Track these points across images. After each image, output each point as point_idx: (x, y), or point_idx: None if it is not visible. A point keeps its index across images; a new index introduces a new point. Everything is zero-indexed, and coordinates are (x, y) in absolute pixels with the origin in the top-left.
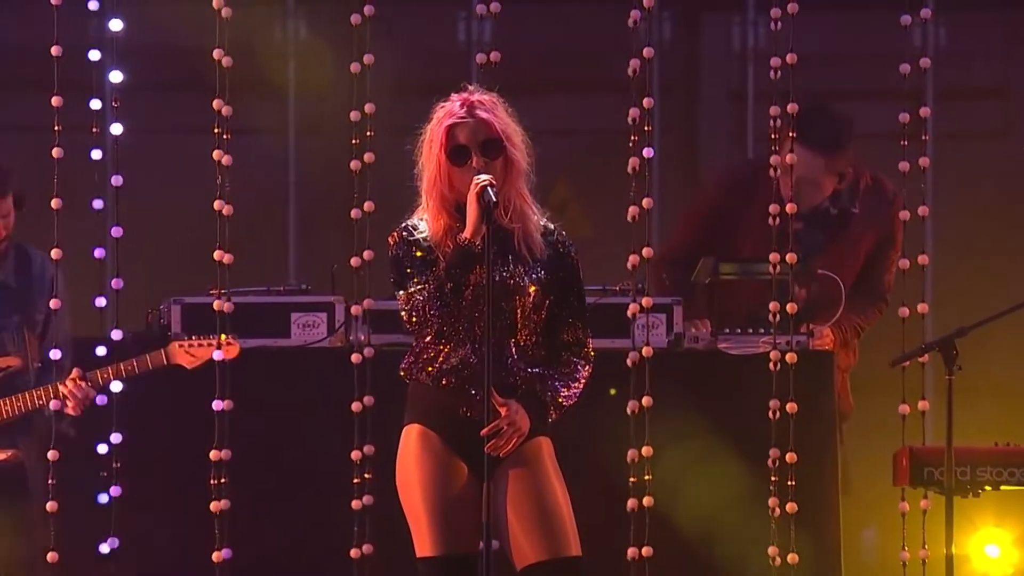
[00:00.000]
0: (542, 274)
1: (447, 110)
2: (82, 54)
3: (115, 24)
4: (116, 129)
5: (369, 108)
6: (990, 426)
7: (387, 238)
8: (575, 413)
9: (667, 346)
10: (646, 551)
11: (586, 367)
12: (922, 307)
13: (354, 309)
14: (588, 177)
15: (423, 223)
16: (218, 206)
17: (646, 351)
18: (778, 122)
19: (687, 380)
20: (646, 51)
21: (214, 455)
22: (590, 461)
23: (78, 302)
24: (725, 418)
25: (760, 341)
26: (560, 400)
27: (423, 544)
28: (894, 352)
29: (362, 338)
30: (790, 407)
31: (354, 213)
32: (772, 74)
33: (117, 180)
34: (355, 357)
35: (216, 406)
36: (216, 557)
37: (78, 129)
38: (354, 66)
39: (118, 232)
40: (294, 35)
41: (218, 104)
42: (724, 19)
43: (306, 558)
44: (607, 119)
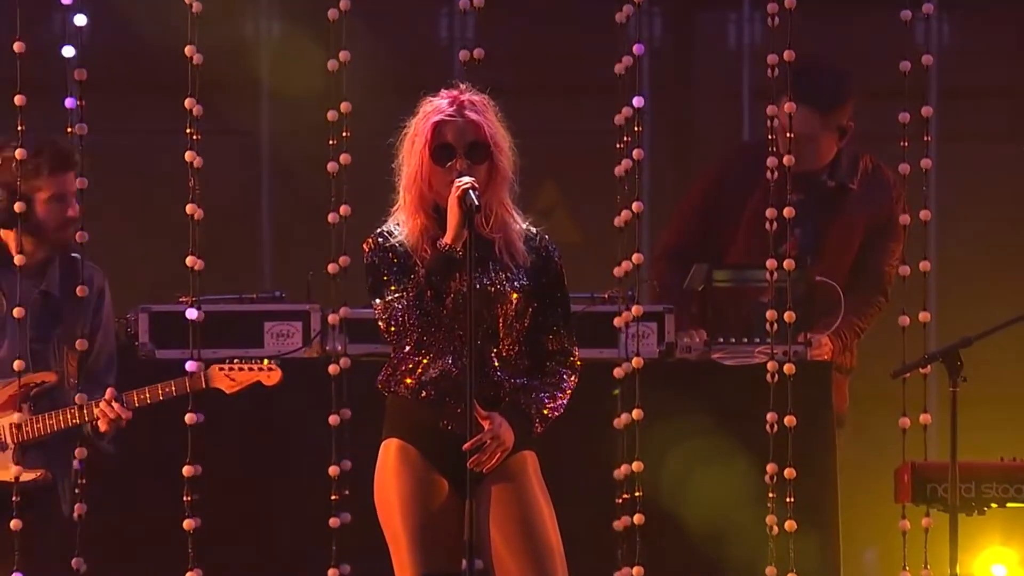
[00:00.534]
0: (524, 280)
1: (435, 106)
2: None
3: (79, 19)
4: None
5: (345, 107)
6: (996, 440)
7: (362, 245)
8: (561, 425)
9: (658, 356)
10: (637, 571)
11: (572, 377)
12: (924, 315)
13: (331, 318)
14: (575, 180)
15: (399, 227)
16: (189, 210)
17: (636, 361)
18: (776, 122)
19: (679, 392)
20: (636, 48)
21: (186, 471)
22: (577, 476)
23: None
24: (719, 432)
25: (756, 351)
26: (545, 412)
27: (403, 564)
28: (895, 363)
29: (339, 348)
30: (788, 420)
31: (331, 217)
32: (769, 72)
33: (82, 183)
34: (332, 368)
35: (188, 419)
36: None
37: (41, 130)
38: (331, 63)
39: (83, 237)
40: (268, 31)
41: (189, 103)
42: (718, 15)
43: None
44: (596, 119)
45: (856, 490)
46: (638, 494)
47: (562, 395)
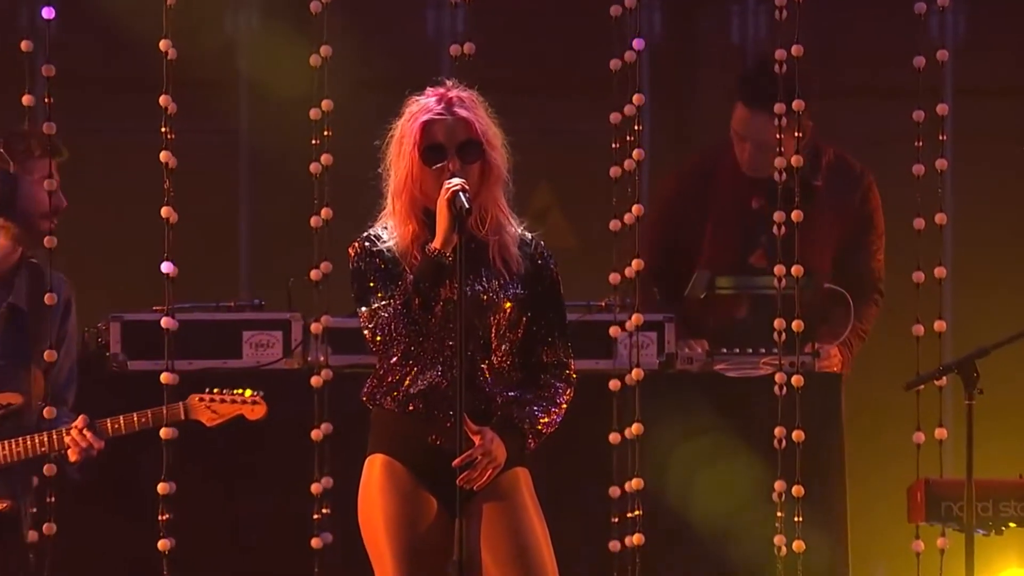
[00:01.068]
0: (519, 289)
1: (422, 105)
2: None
3: (47, 12)
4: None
5: (327, 105)
6: (1014, 456)
7: (347, 249)
8: (556, 441)
9: (658, 368)
10: None
11: (568, 390)
12: (939, 325)
13: (313, 327)
14: (571, 182)
15: (387, 232)
16: (164, 213)
17: (635, 373)
18: (783, 121)
19: (680, 405)
20: (635, 43)
21: (160, 488)
22: (573, 494)
23: None
24: (723, 447)
25: (761, 362)
26: (539, 427)
27: None
28: (908, 374)
29: (321, 359)
30: (796, 435)
31: (313, 221)
32: (777, 68)
33: (49, 184)
34: (314, 380)
35: (162, 434)
36: None
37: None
38: (313, 59)
39: (52, 243)
40: (246, 25)
41: (164, 100)
42: (721, 9)
43: None
44: (593, 119)
45: (867, 507)
46: (638, 513)
47: (557, 409)
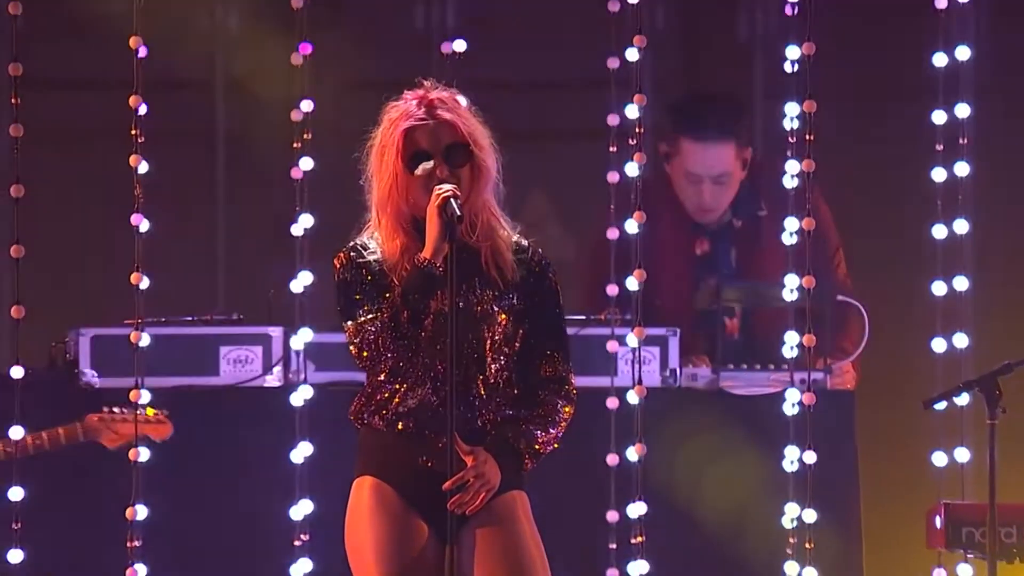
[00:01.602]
0: (514, 299)
1: (402, 111)
2: None
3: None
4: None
5: (308, 106)
6: None
7: (332, 260)
8: (554, 461)
9: (661, 384)
10: None
11: (567, 407)
12: (960, 339)
13: (294, 342)
14: (569, 188)
15: (374, 242)
16: (134, 221)
17: (637, 391)
18: (795, 124)
19: (684, 424)
20: (636, 40)
21: (129, 513)
22: (572, 518)
23: None
24: (731, 469)
25: (770, 379)
26: (537, 447)
27: None
28: (927, 392)
29: (303, 376)
30: (808, 457)
31: (295, 229)
32: (789, 67)
33: (17, 190)
34: (296, 398)
35: (131, 455)
36: None
37: None
38: (295, 57)
39: (19, 252)
40: (223, 21)
41: (134, 101)
42: (726, 4)
43: None
44: (592, 120)
45: (883, 532)
46: (640, 539)
47: (555, 428)
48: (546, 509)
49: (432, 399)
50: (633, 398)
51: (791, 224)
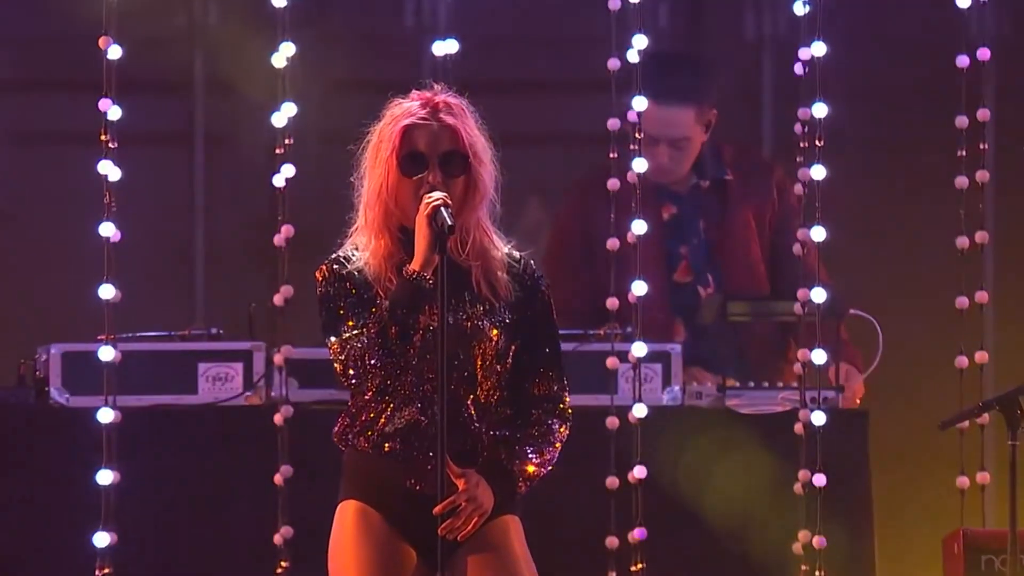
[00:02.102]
0: (507, 315)
1: (405, 109)
2: None
3: None
4: None
5: (291, 109)
6: None
7: (314, 273)
8: (549, 484)
9: (663, 403)
10: None
11: (562, 427)
12: (980, 356)
13: (276, 358)
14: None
15: (357, 253)
16: (103, 231)
17: (637, 410)
18: (806, 127)
19: (688, 445)
20: (637, 40)
21: (98, 539)
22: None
23: None
24: (736, 492)
25: (779, 397)
26: (530, 469)
27: None
28: (945, 411)
29: (283, 394)
30: (818, 480)
31: (277, 239)
32: (800, 68)
33: None
34: (278, 417)
35: (100, 478)
36: None
37: None
38: (276, 58)
39: None
40: (202, 20)
41: (104, 105)
42: (733, 2)
43: None
44: (590, 123)
45: (898, 559)
46: (640, 567)
47: (550, 449)
48: (541, 535)
49: (420, 419)
50: (635, 416)
51: (808, 234)
